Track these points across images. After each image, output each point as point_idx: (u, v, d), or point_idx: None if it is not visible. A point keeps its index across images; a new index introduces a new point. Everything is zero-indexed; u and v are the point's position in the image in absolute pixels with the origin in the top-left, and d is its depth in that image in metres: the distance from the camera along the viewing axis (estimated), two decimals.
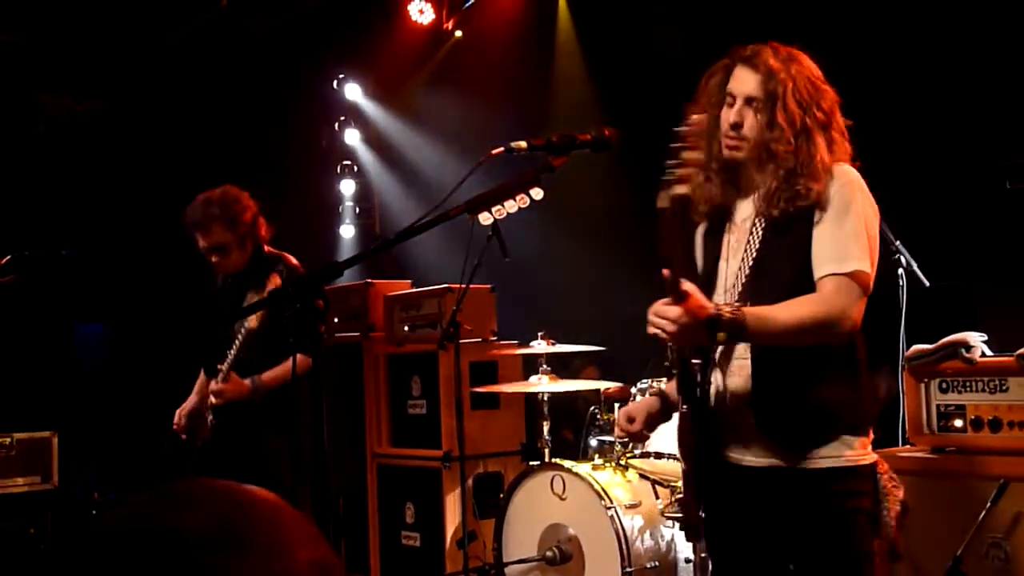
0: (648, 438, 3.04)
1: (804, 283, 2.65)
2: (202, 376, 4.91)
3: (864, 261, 2.62)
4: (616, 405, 4.92)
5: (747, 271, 2.75)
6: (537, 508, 4.81)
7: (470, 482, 5.47)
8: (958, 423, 3.51)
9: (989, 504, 3.26)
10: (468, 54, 7.65)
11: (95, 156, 8.38)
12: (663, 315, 2.52)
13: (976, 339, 3.53)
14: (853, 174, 2.71)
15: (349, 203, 8.83)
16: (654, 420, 3.08)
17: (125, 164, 8.33)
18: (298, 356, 4.03)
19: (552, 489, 4.74)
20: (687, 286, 2.50)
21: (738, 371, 2.74)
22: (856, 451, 2.67)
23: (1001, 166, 4.75)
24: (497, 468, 5.74)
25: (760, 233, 2.76)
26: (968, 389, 3.50)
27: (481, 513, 5.46)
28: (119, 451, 7.61)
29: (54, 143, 8.26)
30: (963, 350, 3.50)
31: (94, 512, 6.86)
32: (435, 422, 5.72)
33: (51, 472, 6.49)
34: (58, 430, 6.57)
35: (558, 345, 5.03)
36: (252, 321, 4.21)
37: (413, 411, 5.91)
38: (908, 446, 3.69)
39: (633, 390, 4.69)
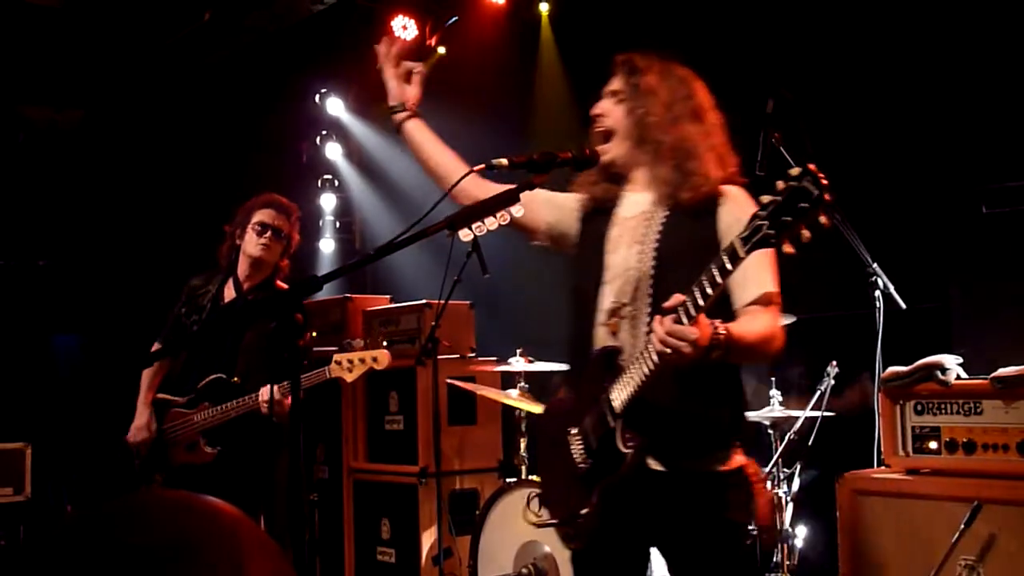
0: None
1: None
2: (146, 384, 4.78)
3: (775, 282, 2.69)
4: None
5: (651, 262, 2.74)
6: (513, 525, 4.80)
7: (446, 498, 5.46)
8: (932, 445, 3.53)
9: (963, 526, 3.28)
10: (451, 71, 7.65)
11: (74, 166, 8.34)
12: (683, 336, 2.38)
13: (951, 362, 3.56)
14: (743, 195, 2.76)
15: (329, 217, 8.81)
16: None
17: (104, 175, 8.29)
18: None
19: (528, 506, 4.74)
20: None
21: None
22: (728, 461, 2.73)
23: (978, 190, 4.80)
24: (473, 485, 5.73)
25: (659, 225, 2.78)
26: (943, 411, 3.52)
27: (457, 529, 5.45)
28: (94, 463, 7.54)
29: (33, 153, 8.21)
30: (938, 372, 3.53)
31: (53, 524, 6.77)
32: (412, 438, 5.71)
33: (24, 484, 6.42)
34: (32, 441, 6.50)
35: (536, 363, 5.03)
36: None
37: (390, 427, 5.90)
38: (883, 467, 3.71)
39: None
